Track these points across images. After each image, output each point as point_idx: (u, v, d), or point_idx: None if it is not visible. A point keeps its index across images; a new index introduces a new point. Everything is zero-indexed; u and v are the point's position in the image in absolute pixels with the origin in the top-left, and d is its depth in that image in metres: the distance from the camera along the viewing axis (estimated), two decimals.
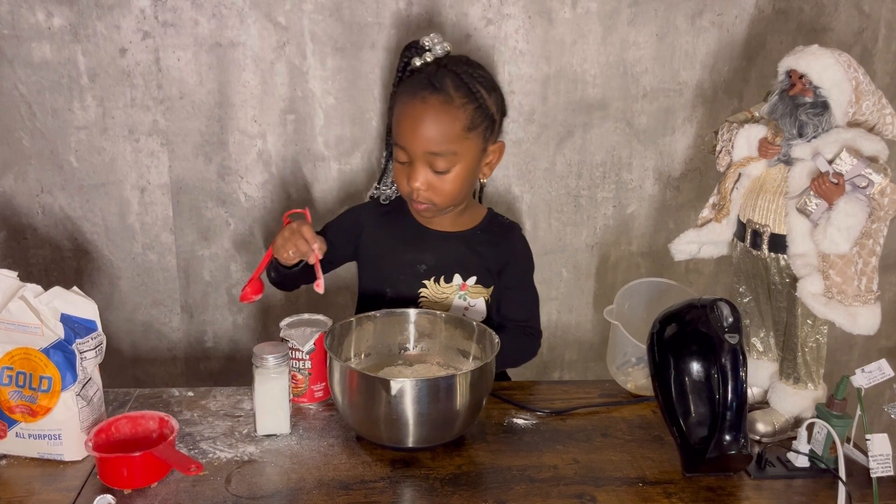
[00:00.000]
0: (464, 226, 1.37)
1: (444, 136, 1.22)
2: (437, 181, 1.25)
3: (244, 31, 1.56)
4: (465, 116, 1.23)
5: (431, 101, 1.21)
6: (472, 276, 1.35)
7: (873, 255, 1.05)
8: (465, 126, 1.23)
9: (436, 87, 1.22)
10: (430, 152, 1.23)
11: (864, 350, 1.87)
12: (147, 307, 1.72)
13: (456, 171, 1.25)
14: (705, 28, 1.65)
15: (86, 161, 1.61)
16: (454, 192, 1.27)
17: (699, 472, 1.05)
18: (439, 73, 1.23)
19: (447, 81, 1.22)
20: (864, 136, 1.04)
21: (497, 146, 1.32)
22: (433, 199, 1.27)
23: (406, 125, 1.24)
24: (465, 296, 1.35)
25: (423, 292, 1.34)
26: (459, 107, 1.22)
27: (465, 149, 1.24)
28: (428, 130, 1.22)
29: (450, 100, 1.22)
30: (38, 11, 1.51)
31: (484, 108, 1.25)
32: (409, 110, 1.23)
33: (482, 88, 1.25)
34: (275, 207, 1.68)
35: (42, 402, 1.03)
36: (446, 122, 1.22)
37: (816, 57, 1.04)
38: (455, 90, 1.22)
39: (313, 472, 1.04)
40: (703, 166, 1.74)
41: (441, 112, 1.21)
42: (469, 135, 1.24)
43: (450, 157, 1.23)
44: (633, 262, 1.81)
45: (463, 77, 1.23)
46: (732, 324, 1.04)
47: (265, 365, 1.10)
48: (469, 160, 1.26)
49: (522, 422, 1.18)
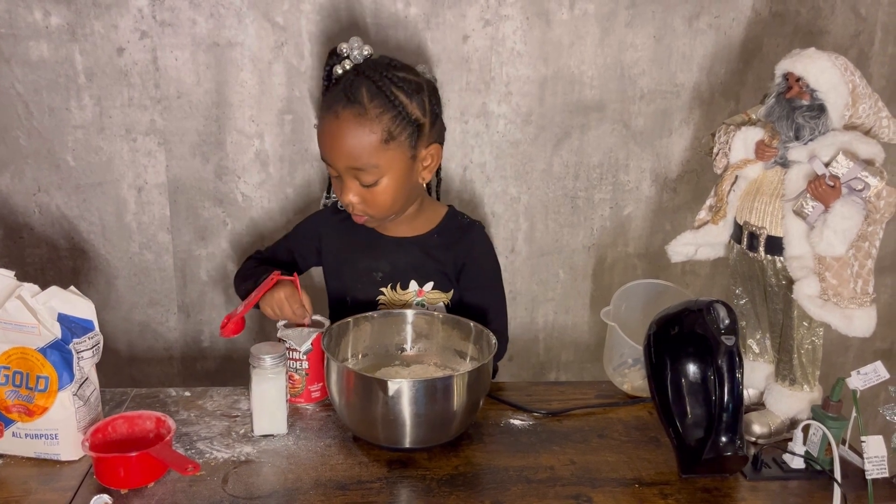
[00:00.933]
0: (420, 229, 1.33)
1: (362, 151, 1.17)
2: (368, 194, 1.21)
3: (242, 31, 1.56)
4: (381, 128, 1.17)
5: (344, 116, 1.16)
6: (429, 282, 1.32)
7: (869, 257, 1.06)
8: (382, 139, 1.17)
9: (350, 99, 1.16)
10: (352, 167, 1.19)
11: (860, 352, 1.88)
12: (144, 307, 1.72)
13: (384, 184, 1.20)
14: (702, 30, 1.66)
15: (83, 160, 1.61)
16: (388, 203, 1.23)
17: (695, 474, 1.05)
18: (355, 82, 1.17)
19: (362, 91, 1.16)
20: (861, 140, 1.04)
21: (432, 149, 1.25)
22: (368, 210, 1.23)
23: (325, 141, 1.20)
24: (423, 302, 1.33)
25: (381, 299, 1.33)
26: (374, 118, 1.16)
27: (388, 160, 1.19)
28: (345, 146, 1.17)
29: (364, 111, 1.16)
30: (36, 10, 1.51)
31: (403, 115, 1.18)
32: (325, 126, 1.19)
33: (401, 94, 1.18)
34: (272, 207, 1.68)
35: (39, 401, 1.03)
36: (362, 136, 1.16)
37: (813, 60, 1.04)
38: (370, 100, 1.16)
39: (310, 472, 1.04)
40: (700, 168, 1.75)
41: (355, 126, 1.16)
42: (389, 146, 1.18)
43: (373, 170, 1.19)
44: (630, 264, 1.81)
45: (379, 84, 1.17)
46: (729, 325, 1.04)
47: (262, 365, 1.10)
48: (397, 170, 1.21)
49: (519, 422, 1.18)
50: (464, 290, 1.35)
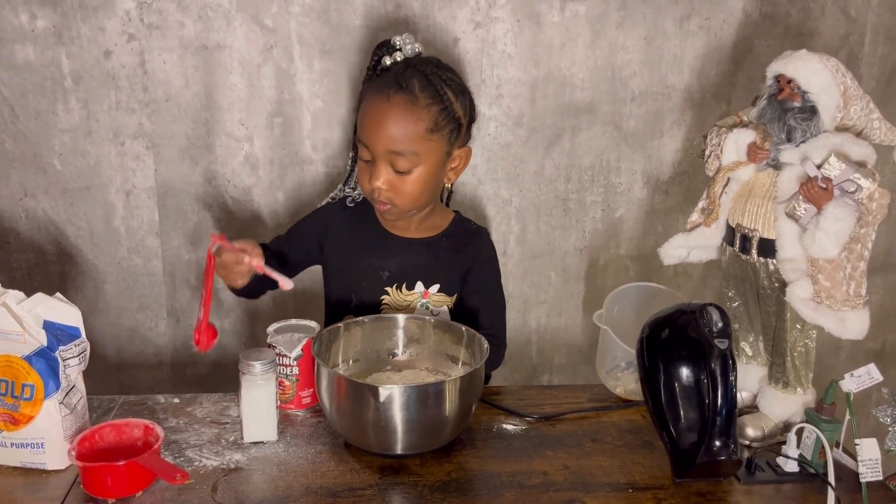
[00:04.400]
0: (429, 232, 1.35)
1: (406, 136, 1.21)
2: (399, 181, 1.24)
3: (231, 34, 1.55)
4: (429, 117, 1.21)
5: (396, 100, 1.20)
6: (435, 285, 1.33)
7: (861, 259, 1.05)
8: (428, 127, 1.21)
9: (402, 86, 1.21)
10: (392, 151, 1.21)
11: (851, 353, 1.89)
12: (133, 312, 1.70)
13: (418, 173, 1.23)
14: (693, 32, 1.66)
15: (70, 164, 1.59)
16: (415, 194, 1.25)
17: (689, 478, 1.05)
18: (407, 72, 1.22)
19: (414, 81, 1.21)
20: (853, 141, 1.04)
21: (463, 151, 1.30)
22: (394, 199, 1.25)
23: (370, 122, 1.23)
24: (428, 304, 1.34)
25: (384, 299, 1.33)
26: (424, 107, 1.21)
27: (427, 150, 1.23)
28: (391, 129, 1.20)
29: (415, 100, 1.21)
30: (22, 13, 1.49)
31: (450, 111, 1.23)
32: (373, 108, 1.22)
33: (450, 91, 1.24)
34: (262, 211, 1.67)
35: (24, 410, 1.02)
36: (410, 122, 1.20)
37: (804, 62, 1.04)
38: (421, 91, 1.21)
39: (301, 479, 1.03)
40: (692, 170, 1.74)
41: (405, 111, 1.20)
42: (432, 136, 1.22)
43: (411, 157, 1.22)
44: (622, 266, 1.81)
45: (430, 78, 1.22)
46: (722, 328, 1.04)
47: (252, 371, 1.09)
48: (432, 162, 1.24)
49: (512, 427, 1.18)
50: (467, 295, 1.36)
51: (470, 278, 1.36)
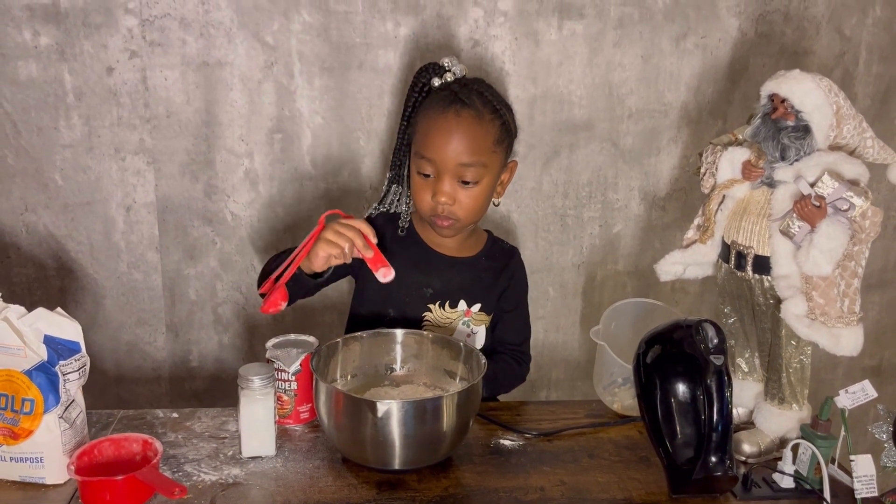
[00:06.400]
0: (468, 251, 1.38)
1: (476, 148, 1.25)
2: (463, 195, 1.27)
3: (232, 51, 1.56)
4: (494, 130, 1.27)
5: (464, 115, 1.25)
6: (477, 304, 1.36)
7: (855, 276, 1.06)
8: (495, 139, 1.27)
9: (465, 102, 1.25)
10: (462, 163, 1.25)
11: (848, 369, 1.89)
12: (132, 326, 1.71)
13: (482, 185, 1.28)
14: (689, 50, 1.68)
15: (71, 179, 1.60)
16: (476, 207, 1.29)
17: (685, 494, 1.05)
18: (464, 90, 1.27)
19: (474, 98, 1.26)
20: (846, 160, 1.05)
21: (512, 164, 1.35)
22: (457, 212, 1.28)
23: (437, 138, 1.25)
24: (469, 322, 1.36)
25: (427, 316, 1.35)
26: (489, 121, 1.26)
27: (492, 162, 1.28)
28: (462, 142, 1.24)
29: (480, 114, 1.25)
30: (25, 30, 1.51)
31: (507, 125, 1.29)
32: (441, 123, 1.25)
33: (503, 107, 1.30)
34: (262, 227, 1.68)
35: (24, 424, 1.02)
36: (479, 134, 1.25)
37: (798, 81, 1.05)
38: (483, 106, 1.26)
39: (299, 494, 1.04)
40: (689, 186, 1.76)
41: (474, 124, 1.25)
42: (497, 148, 1.28)
43: (479, 168, 1.26)
44: (620, 282, 1.82)
45: (486, 95, 1.28)
46: (717, 345, 1.04)
47: (250, 386, 1.10)
48: (493, 174, 1.29)
49: (509, 443, 1.18)
50: (502, 312, 1.40)
51: (506, 297, 1.40)
